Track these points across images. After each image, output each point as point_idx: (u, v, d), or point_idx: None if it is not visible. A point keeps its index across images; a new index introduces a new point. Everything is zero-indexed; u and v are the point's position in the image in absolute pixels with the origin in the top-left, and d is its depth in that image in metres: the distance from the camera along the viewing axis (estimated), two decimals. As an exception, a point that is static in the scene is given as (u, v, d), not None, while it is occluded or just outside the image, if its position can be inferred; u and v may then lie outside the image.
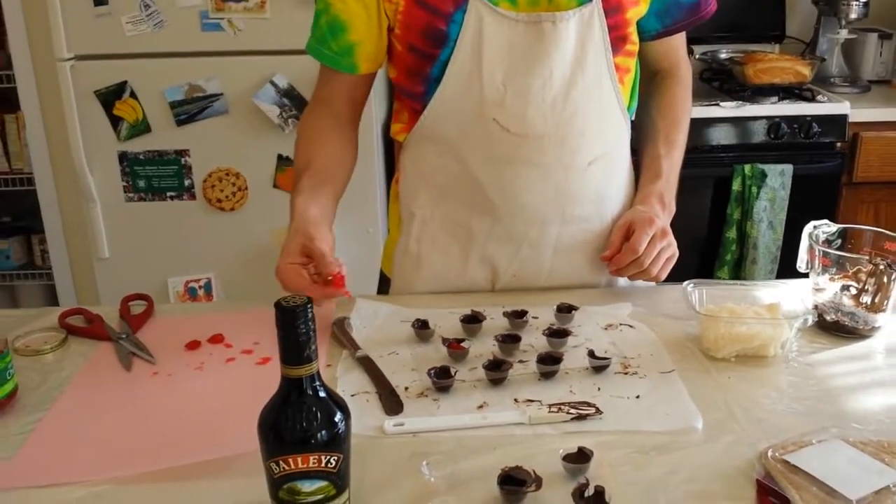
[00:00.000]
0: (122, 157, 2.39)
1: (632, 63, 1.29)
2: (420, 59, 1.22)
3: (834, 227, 1.19)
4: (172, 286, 2.46)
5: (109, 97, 2.34)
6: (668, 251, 1.23)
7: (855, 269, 1.13)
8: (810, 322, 1.14)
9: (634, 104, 1.34)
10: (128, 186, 2.41)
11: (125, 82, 2.32)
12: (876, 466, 0.84)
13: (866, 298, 1.12)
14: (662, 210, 1.27)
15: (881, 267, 1.11)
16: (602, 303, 1.26)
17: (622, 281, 1.35)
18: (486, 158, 1.24)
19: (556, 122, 1.21)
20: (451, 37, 1.18)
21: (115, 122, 2.36)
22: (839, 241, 1.20)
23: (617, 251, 1.23)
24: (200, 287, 2.47)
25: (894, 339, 1.14)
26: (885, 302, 1.12)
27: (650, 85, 1.39)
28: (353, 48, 1.25)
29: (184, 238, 2.44)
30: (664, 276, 1.24)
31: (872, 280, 1.11)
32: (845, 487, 0.80)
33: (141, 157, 2.39)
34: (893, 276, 1.11)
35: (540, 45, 1.18)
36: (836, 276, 1.15)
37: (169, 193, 2.42)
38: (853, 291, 1.13)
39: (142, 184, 2.41)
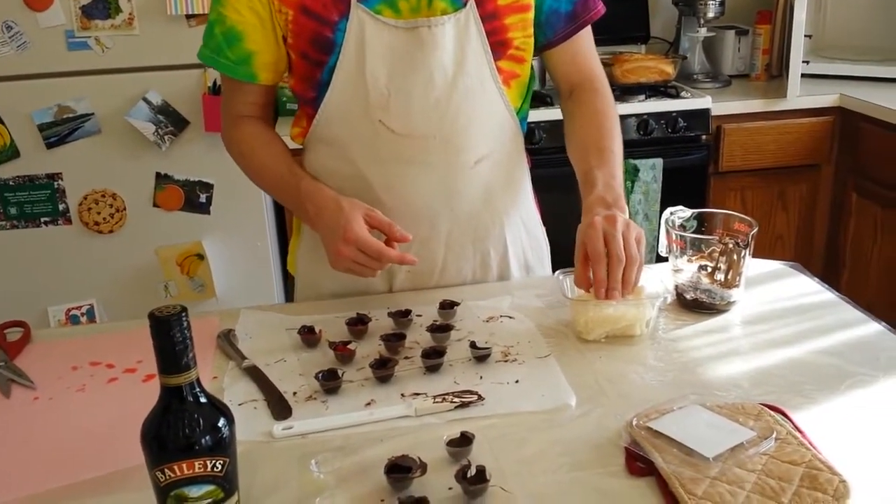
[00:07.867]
0: (-9, 184, 2.30)
1: (520, 68, 1.32)
2: (311, 66, 1.26)
3: (688, 212, 1.27)
4: (53, 315, 2.37)
5: (-27, 123, 2.25)
6: (634, 230, 1.14)
7: (709, 249, 1.22)
8: (669, 300, 1.22)
9: (527, 107, 1.39)
10: (-1, 214, 2.32)
11: (-11, 106, 2.24)
12: (730, 427, 0.91)
13: (720, 276, 1.21)
14: (607, 210, 1.19)
15: (730, 245, 1.20)
16: (484, 297, 1.30)
17: (515, 273, 1.40)
18: (374, 159, 1.28)
19: (440, 123, 1.26)
20: (337, 43, 1.22)
21: (-19, 148, 2.27)
22: (695, 224, 1.28)
23: (586, 278, 1.15)
24: (83, 314, 2.39)
25: (749, 311, 1.23)
26: (738, 278, 1.21)
27: (568, 103, 1.40)
28: (251, 57, 1.27)
29: (62, 264, 2.37)
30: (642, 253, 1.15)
31: (724, 258, 1.20)
32: (702, 447, 0.87)
33: (10, 183, 2.30)
34: (742, 254, 1.20)
35: (419, 49, 1.23)
36: (693, 257, 1.23)
37: (43, 219, 2.34)
38: (708, 270, 1.22)
39: (13, 211, 2.32)
